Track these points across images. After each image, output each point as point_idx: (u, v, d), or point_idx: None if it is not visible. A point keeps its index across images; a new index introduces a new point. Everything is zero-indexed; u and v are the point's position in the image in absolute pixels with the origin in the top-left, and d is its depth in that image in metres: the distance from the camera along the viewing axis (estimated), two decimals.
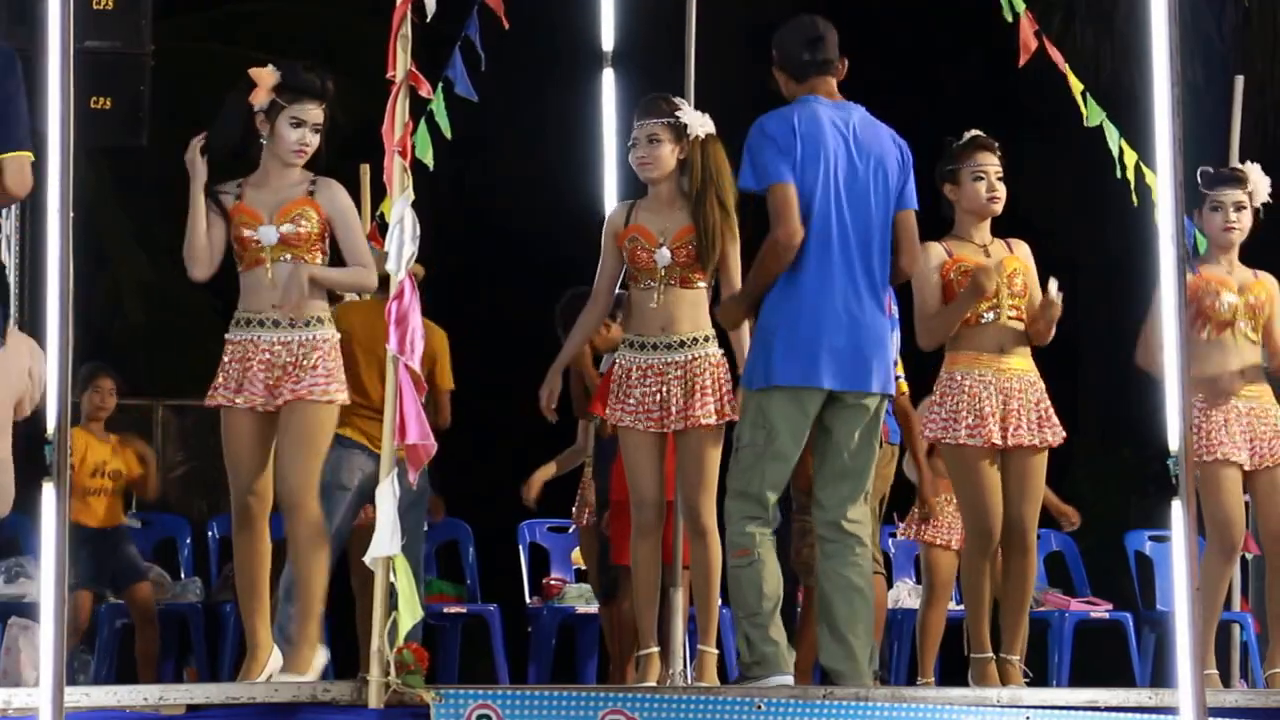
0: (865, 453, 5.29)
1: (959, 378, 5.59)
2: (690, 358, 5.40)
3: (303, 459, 5.00)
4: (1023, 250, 5.73)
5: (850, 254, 5.24)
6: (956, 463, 5.61)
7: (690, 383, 5.38)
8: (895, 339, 5.94)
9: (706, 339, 5.45)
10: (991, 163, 5.66)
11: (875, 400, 5.28)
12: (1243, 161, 6.37)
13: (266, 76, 5.10)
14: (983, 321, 5.59)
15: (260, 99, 5.09)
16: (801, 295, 5.21)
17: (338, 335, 5.13)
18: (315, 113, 5.10)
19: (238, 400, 5.05)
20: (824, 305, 5.20)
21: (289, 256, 5.07)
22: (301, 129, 5.08)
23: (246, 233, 5.09)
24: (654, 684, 5.46)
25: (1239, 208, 5.93)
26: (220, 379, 5.09)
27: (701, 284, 5.45)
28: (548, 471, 7.41)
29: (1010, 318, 5.61)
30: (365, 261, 5.14)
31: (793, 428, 5.21)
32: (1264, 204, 6.00)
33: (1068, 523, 7.38)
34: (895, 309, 5.85)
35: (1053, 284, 5.60)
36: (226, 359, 5.09)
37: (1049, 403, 5.64)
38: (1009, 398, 5.57)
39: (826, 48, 5.36)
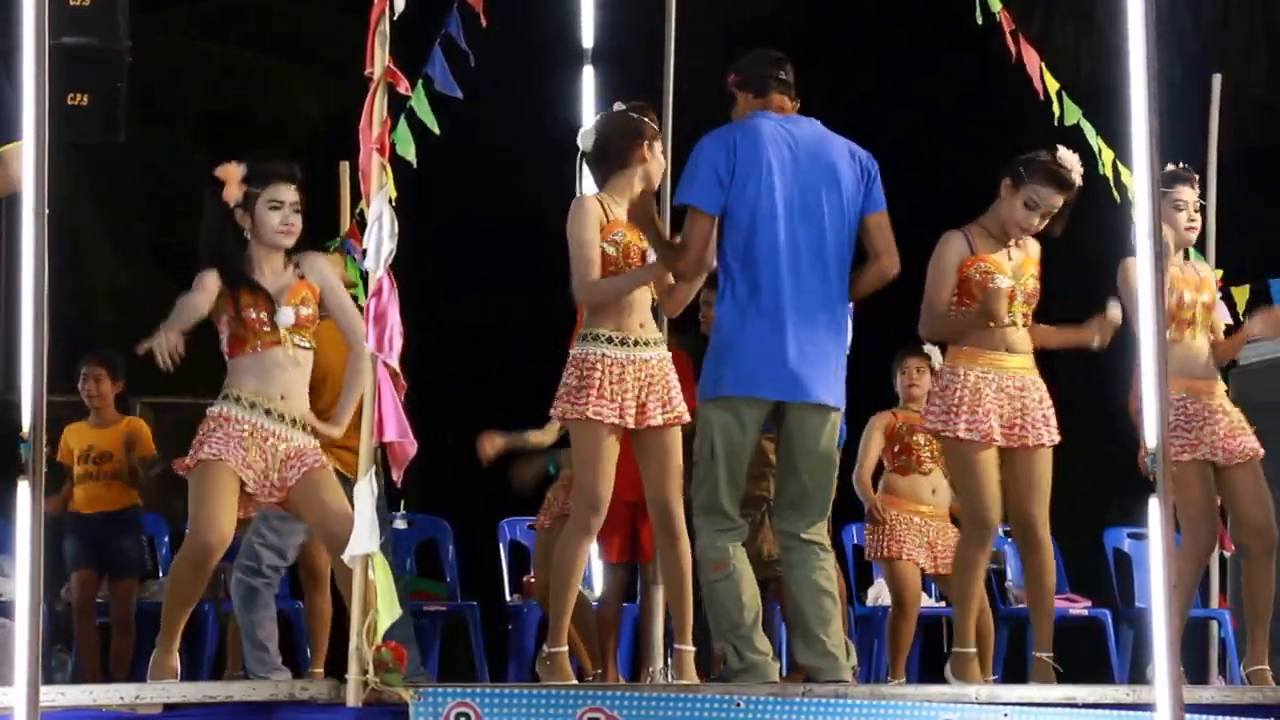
0: (824, 472, 5.31)
1: (961, 373, 5.59)
2: (661, 356, 5.41)
3: (344, 511, 4.95)
4: (1034, 248, 5.72)
5: (799, 265, 5.27)
6: (954, 455, 5.64)
7: (664, 380, 5.39)
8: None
9: (663, 340, 5.48)
10: (1055, 202, 5.55)
11: (827, 413, 5.29)
12: (1220, 159, 6.41)
13: (233, 171, 5.15)
14: (993, 325, 5.60)
15: (234, 194, 5.13)
16: (752, 307, 5.25)
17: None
18: (291, 193, 5.15)
19: (241, 469, 5.01)
20: (774, 317, 5.23)
21: (297, 340, 5.12)
22: (281, 210, 5.13)
23: (255, 315, 5.08)
24: (569, 683, 5.40)
25: (1196, 208, 5.96)
26: (211, 442, 5.03)
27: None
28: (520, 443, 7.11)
29: (1020, 320, 5.62)
30: (357, 324, 5.14)
31: (734, 439, 5.26)
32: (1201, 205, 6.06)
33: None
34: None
35: (1114, 307, 5.59)
36: (221, 430, 5.03)
37: (1050, 402, 5.65)
38: (1011, 397, 5.58)
39: (788, 71, 5.45)
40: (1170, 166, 5.98)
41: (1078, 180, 5.61)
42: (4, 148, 4.60)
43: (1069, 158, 5.61)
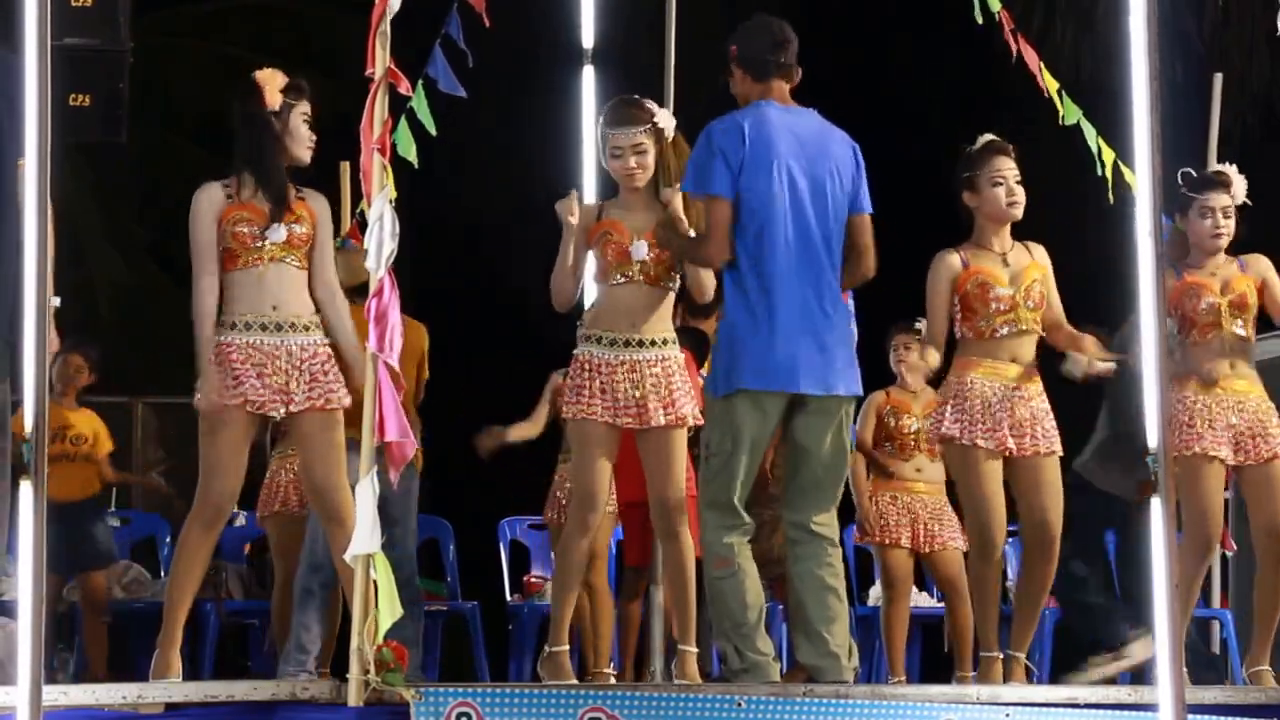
0: (837, 462, 5.32)
1: (970, 381, 5.59)
2: (662, 357, 5.38)
3: (341, 467, 5.00)
4: (1041, 254, 5.72)
5: (814, 255, 5.26)
6: (964, 463, 5.60)
7: (665, 381, 5.37)
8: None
9: (671, 341, 5.43)
10: (1009, 167, 5.61)
11: (843, 403, 5.30)
12: (1220, 160, 6.38)
13: (276, 78, 5.17)
14: (998, 335, 5.60)
15: (274, 101, 5.15)
16: (763, 300, 5.23)
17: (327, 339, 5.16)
18: (310, 112, 5.21)
19: (246, 401, 5.00)
20: (786, 309, 5.22)
21: (287, 259, 5.10)
22: (309, 126, 5.18)
23: (247, 229, 5.08)
24: (570, 683, 5.40)
25: (1226, 214, 5.89)
26: (212, 380, 5.03)
27: (669, 285, 5.42)
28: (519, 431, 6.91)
29: (1027, 329, 5.61)
30: (331, 282, 5.17)
31: (756, 432, 5.24)
32: (1243, 204, 5.98)
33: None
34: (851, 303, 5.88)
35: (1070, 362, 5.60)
36: (224, 367, 5.02)
37: (1050, 410, 5.64)
38: (1017, 406, 5.57)
39: (789, 52, 5.39)
40: (1215, 170, 5.96)
41: (1003, 144, 5.63)
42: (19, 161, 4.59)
43: (986, 136, 5.66)
